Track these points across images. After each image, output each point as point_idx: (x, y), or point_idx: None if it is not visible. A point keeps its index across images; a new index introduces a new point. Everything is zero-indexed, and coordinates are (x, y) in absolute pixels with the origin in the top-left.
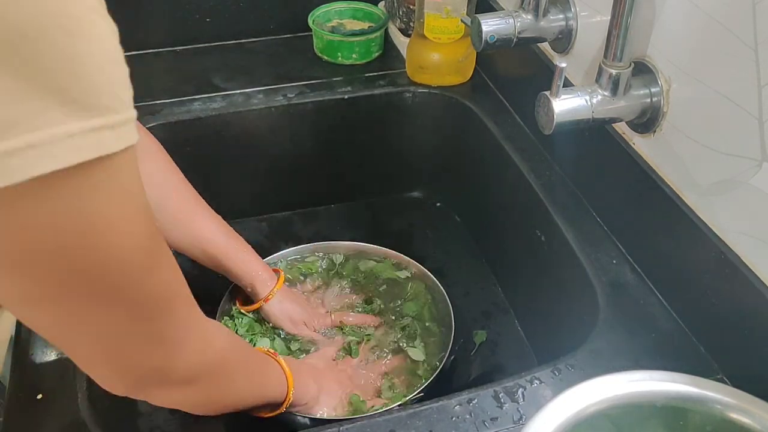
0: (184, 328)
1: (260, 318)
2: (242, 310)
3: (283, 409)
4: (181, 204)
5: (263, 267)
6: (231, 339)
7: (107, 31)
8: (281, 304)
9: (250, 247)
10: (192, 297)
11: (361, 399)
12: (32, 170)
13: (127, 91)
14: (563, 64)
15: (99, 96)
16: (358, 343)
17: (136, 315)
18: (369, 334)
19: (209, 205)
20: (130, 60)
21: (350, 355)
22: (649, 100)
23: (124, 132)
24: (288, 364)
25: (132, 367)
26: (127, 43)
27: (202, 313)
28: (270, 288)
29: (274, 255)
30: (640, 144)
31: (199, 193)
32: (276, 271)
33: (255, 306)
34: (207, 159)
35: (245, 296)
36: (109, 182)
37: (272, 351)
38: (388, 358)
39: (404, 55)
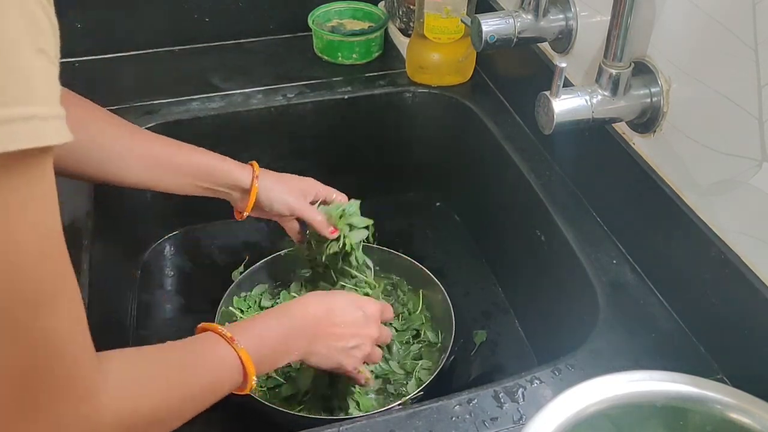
0: (75, 386)
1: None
2: (248, 215)
3: (248, 390)
4: (123, 133)
5: (231, 160)
6: (147, 383)
7: (42, 20)
8: (277, 180)
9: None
10: (92, 353)
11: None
12: None
13: (49, 87)
14: (563, 64)
15: (14, 85)
16: None
17: (18, 358)
18: None
19: (208, 205)
20: (129, 60)
21: None
22: (649, 100)
23: (43, 128)
24: (259, 334)
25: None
26: (126, 42)
27: (108, 365)
28: (252, 168)
29: (274, 255)
30: (640, 144)
31: None
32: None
33: (252, 198)
34: None
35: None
36: (19, 182)
37: (227, 334)
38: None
39: (404, 55)
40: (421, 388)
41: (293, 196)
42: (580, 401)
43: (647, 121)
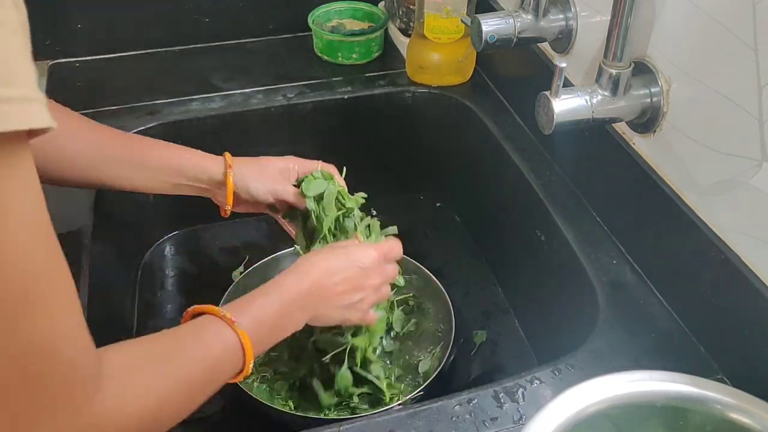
0: (74, 392)
1: None
2: (232, 210)
3: (242, 377)
4: (90, 133)
5: (202, 153)
6: (151, 381)
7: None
8: (252, 166)
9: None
10: (91, 354)
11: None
12: None
13: (28, 68)
14: (563, 64)
15: None
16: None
17: (16, 366)
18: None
19: (209, 206)
20: (129, 60)
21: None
22: (649, 100)
23: (28, 110)
24: (257, 314)
25: None
26: (126, 42)
27: (108, 365)
28: (224, 159)
29: (274, 255)
30: (640, 144)
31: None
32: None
33: (229, 191)
34: None
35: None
36: (4, 169)
37: (227, 316)
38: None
39: (404, 55)
40: (421, 388)
41: (272, 179)
42: (580, 401)
43: (647, 121)
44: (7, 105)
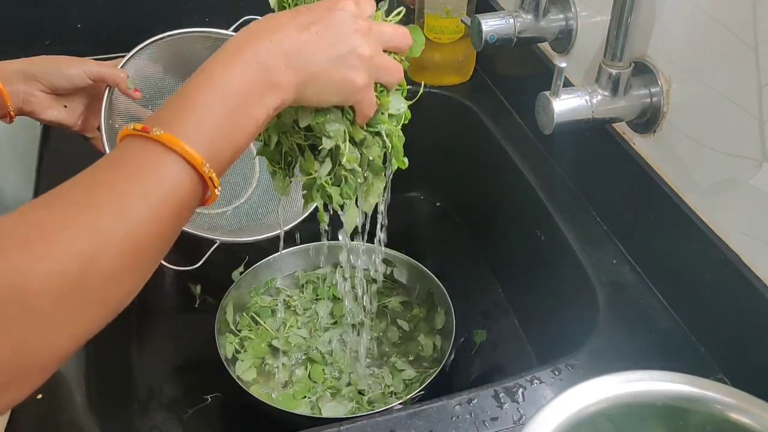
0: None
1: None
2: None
3: (214, 188)
4: None
5: None
6: (76, 240)
7: None
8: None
9: None
10: None
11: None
12: None
13: None
14: (563, 64)
15: None
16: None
17: None
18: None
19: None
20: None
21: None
22: (649, 100)
23: None
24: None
25: None
26: (125, 42)
27: (30, 219)
28: None
29: (274, 255)
30: (640, 144)
31: None
32: None
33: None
34: None
35: None
36: None
37: (138, 126)
38: None
39: None
40: (421, 387)
41: (68, 62)
42: (580, 401)
43: (647, 121)
44: None
